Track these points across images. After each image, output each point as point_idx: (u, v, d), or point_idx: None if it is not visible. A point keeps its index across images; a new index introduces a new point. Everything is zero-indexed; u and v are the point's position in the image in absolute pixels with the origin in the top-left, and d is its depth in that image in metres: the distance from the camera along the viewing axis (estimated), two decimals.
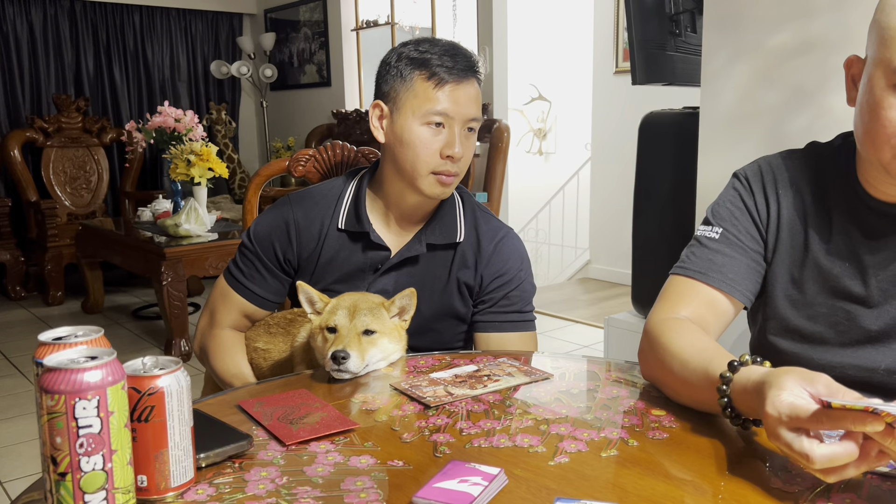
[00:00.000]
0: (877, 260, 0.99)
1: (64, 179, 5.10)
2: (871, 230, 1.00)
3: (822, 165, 1.06)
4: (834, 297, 1.02)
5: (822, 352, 1.03)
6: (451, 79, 1.23)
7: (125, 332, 4.11)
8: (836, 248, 1.02)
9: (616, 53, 4.92)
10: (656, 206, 2.54)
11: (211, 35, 6.00)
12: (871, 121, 0.90)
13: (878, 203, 0.99)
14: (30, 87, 5.18)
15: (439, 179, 1.25)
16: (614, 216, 4.98)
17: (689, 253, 1.09)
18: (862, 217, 1.01)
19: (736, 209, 1.09)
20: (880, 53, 0.88)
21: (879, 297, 0.99)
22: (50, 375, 0.63)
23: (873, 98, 0.89)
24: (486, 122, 3.90)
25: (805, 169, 1.07)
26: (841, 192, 1.03)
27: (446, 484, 0.72)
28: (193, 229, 3.68)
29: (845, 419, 0.66)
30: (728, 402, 0.83)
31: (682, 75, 2.37)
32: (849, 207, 1.02)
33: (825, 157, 1.06)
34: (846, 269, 1.01)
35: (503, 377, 1.06)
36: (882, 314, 0.99)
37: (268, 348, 1.34)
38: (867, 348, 1.01)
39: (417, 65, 1.23)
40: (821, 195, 1.04)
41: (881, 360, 0.99)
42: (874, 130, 0.90)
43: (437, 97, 1.22)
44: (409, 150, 1.24)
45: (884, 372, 0.99)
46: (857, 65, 0.96)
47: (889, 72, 0.87)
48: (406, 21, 5.47)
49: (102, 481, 0.65)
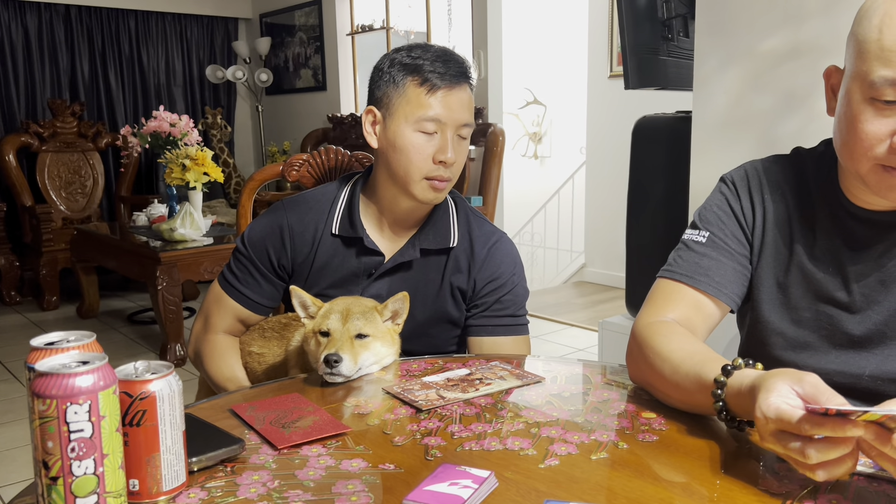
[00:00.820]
0: (859, 266, 1.00)
1: (59, 184, 5.10)
2: (853, 236, 1.01)
3: (806, 171, 1.07)
4: (818, 301, 1.03)
5: (807, 356, 1.04)
6: (443, 84, 1.23)
7: (120, 337, 4.11)
8: (820, 253, 1.03)
9: (610, 58, 4.94)
10: (650, 209, 2.55)
11: (206, 39, 6.00)
12: (849, 133, 0.91)
13: (859, 210, 1.00)
14: (25, 91, 5.18)
15: (432, 185, 1.26)
16: (609, 220, 4.99)
17: (677, 256, 1.10)
18: (844, 223, 1.02)
19: (722, 213, 1.10)
20: (857, 67, 0.89)
21: (862, 303, 1.00)
22: (42, 380, 0.64)
23: (851, 111, 0.90)
24: (481, 126, 3.91)
25: (791, 174, 1.08)
26: (824, 198, 1.04)
27: (437, 487, 0.73)
28: (189, 234, 3.68)
29: (824, 425, 0.67)
30: (723, 406, 0.85)
31: (674, 80, 2.39)
32: (832, 213, 1.03)
33: (809, 163, 1.07)
34: (829, 275, 1.02)
35: (495, 381, 1.06)
36: (865, 320, 1.00)
37: (262, 352, 1.35)
38: (851, 353, 1.02)
39: (410, 70, 1.24)
40: (806, 200, 1.05)
41: (865, 365, 1.00)
42: (852, 143, 0.91)
43: (430, 103, 1.23)
44: (402, 156, 1.25)
45: (868, 378, 1.00)
46: (835, 75, 0.97)
47: (865, 85, 0.88)
48: (401, 25, 5.48)
49: (94, 485, 0.65)
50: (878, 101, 0.87)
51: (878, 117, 0.87)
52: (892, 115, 0.87)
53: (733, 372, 0.85)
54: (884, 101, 0.86)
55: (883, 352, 1.00)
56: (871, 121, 0.88)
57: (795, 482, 0.75)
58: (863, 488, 0.73)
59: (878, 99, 0.87)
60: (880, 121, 0.87)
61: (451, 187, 1.32)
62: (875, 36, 0.86)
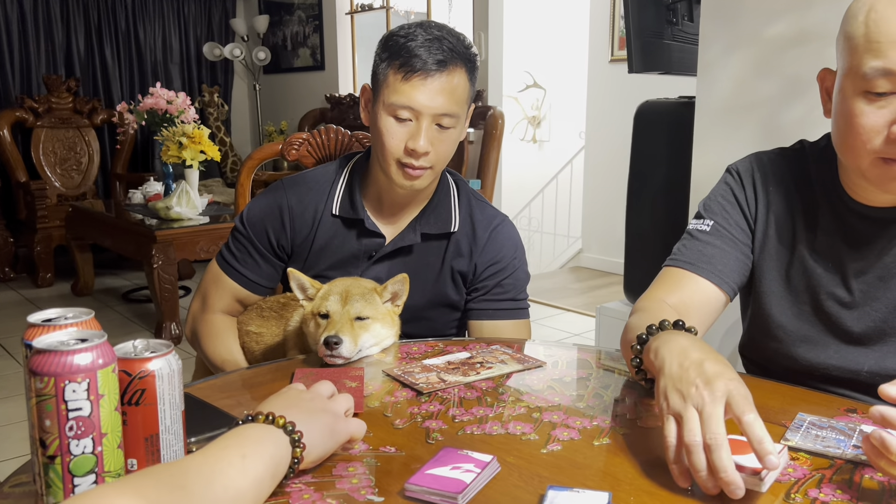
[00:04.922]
0: (859, 262, 1.01)
1: (54, 160, 5.06)
2: (854, 233, 1.01)
3: (809, 166, 1.07)
4: (818, 296, 1.03)
5: (806, 350, 1.04)
6: (420, 72, 1.17)
7: (115, 315, 4.09)
8: (821, 248, 1.03)
9: (612, 42, 4.90)
10: (650, 195, 2.54)
11: (204, 17, 5.93)
12: (846, 129, 0.92)
13: (859, 206, 1.00)
14: (20, 66, 5.12)
15: (405, 172, 1.22)
16: (607, 205, 4.98)
17: (681, 246, 1.10)
18: (844, 219, 1.02)
19: (727, 202, 1.10)
20: (849, 62, 0.90)
21: (861, 299, 1.00)
22: (39, 358, 0.63)
23: (846, 107, 0.91)
24: (481, 109, 3.88)
25: (795, 169, 1.08)
26: (825, 194, 1.04)
27: (439, 471, 0.72)
28: (185, 212, 3.65)
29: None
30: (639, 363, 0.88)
31: (678, 64, 2.37)
32: (833, 209, 1.03)
33: (812, 158, 1.08)
34: (830, 270, 1.02)
35: (496, 364, 1.06)
36: (864, 316, 1.00)
37: (260, 332, 1.34)
38: (850, 349, 1.02)
39: (393, 53, 1.19)
40: (808, 195, 1.06)
41: (864, 361, 1.01)
42: (850, 138, 0.91)
43: (402, 89, 1.18)
44: (378, 138, 1.23)
45: (867, 374, 1.01)
46: (829, 77, 0.98)
47: (857, 79, 0.89)
48: (401, 5, 5.43)
49: (92, 464, 0.65)
50: (871, 93, 0.88)
51: (873, 109, 0.88)
52: (886, 105, 0.88)
53: (658, 332, 0.86)
54: (876, 92, 0.87)
55: (882, 348, 1.00)
56: (866, 114, 0.89)
57: (799, 471, 0.74)
58: (867, 478, 0.73)
59: (871, 91, 0.88)
60: (875, 113, 0.88)
61: (434, 176, 1.26)
62: (862, 30, 0.88)
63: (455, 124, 1.22)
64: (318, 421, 0.74)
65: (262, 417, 0.71)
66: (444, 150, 1.23)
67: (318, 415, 0.75)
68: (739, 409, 0.69)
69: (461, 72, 1.21)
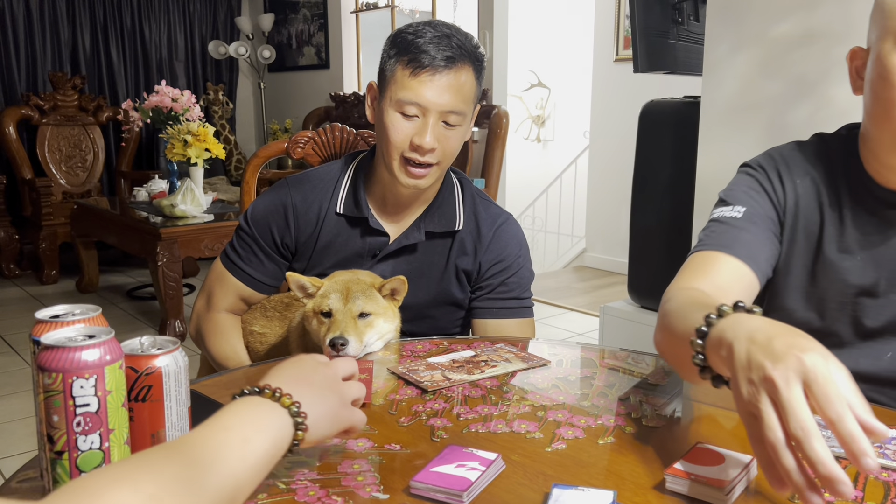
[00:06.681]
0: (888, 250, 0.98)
1: (59, 158, 5.07)
2: (880, 218, 0.99)
3: (831, 156, 1.04)
4: (845, 292, 1.00)
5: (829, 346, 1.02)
6: (428, 67, 1.17)
7: (120, 312, 4.10)
8: (848, 240, 1.00)
9: (617, 41, 4.90)
10: (655, 195, 2.54)
11: (209, 15, 5.94)
12: (884, 90, 0.89)
13: (885, 192, 0.98)
14: (26, 64, 5.13)
15: (408, 170, 1.22)
16: (611, 205, 4.97)
17: (710, 231, 1.02)
18: (870, 205, 0.99)
19: (754, 192, 1.04)
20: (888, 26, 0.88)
21: (885, 287, 0.98)
22: (47, 353, 0.63)
23: (883, 67, 0.89)
24: (485, 108, 3.88)
25: (816, 159, 1.05)
26: (849, 181, 1.01)
27: (444, 468, 0.72)
28: (189, 210, 3.66)
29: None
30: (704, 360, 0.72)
31: (683, 64, 2.36)
32: (858, 198, 1.00)
33: (833, 148, 1.05)
34: (857, 263, 0.99)
35: (500, 363, 1.06)
36: (888, 304, 0.98)
37: (264, 332, 1.34)
38: (872, 342, 1.00)
39: (401, 49, 1.20)
40: (832, 186, 1.02)
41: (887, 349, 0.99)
42: (890, 99, 0.89)
43: (411, 85, 1.18)
44: (383, 134, 1.23)
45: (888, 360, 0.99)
46: (860, 55, 0.96)
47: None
48: (406, 4, 5.43)
49: (99, 460, 0.65)
50: None
51: None
52: None
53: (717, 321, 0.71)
54: None
55: None
56: None
57: None
58: (872, 478, 0.73)
59: None
60: None
61: (438, 174, 1.27)
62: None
63: (461, 122, 1.23)
64: (325, 403, 0.72)
65: (269, 393, 0.68)
66: (450, 147, 1.23)
67: (326, 395, 0.72)
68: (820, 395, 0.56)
69: (469, 70, 1.21)
